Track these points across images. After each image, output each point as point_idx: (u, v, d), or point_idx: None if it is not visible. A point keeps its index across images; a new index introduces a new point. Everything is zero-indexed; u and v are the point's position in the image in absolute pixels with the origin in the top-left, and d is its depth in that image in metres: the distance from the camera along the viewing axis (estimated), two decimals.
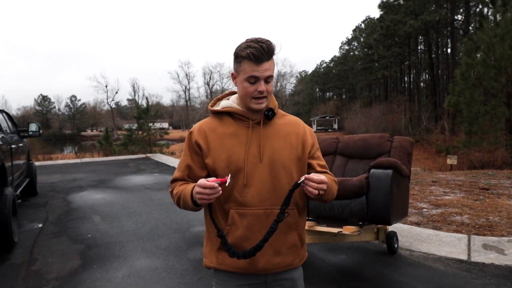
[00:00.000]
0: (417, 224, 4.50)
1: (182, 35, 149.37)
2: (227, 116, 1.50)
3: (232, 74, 1.49)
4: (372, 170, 3.13)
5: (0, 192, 4.25)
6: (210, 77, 58.91)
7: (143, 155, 16.17)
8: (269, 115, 1.46)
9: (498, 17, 14.61)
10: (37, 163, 14.11)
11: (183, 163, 1.52)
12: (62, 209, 6.30)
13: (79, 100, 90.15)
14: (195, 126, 1.53)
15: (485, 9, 32.51)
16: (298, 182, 1.33)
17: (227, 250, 1.39)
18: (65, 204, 6.68)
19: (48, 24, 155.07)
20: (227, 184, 1.30)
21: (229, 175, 1.33)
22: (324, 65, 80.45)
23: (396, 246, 3.78)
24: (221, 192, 1.30)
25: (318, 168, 1.53)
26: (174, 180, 1.55)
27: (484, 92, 13.57)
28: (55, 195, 7.48)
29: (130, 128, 19.93)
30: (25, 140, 7.26)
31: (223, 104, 1.53)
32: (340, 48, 72.35)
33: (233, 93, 1.59)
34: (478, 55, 13.69)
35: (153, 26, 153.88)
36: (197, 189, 1.30)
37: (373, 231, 3.64)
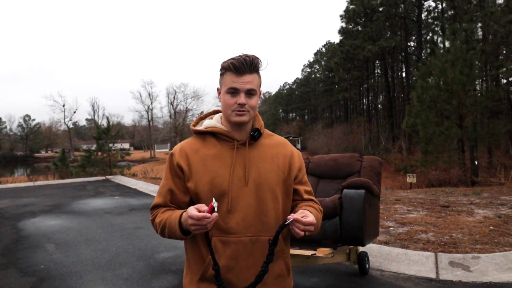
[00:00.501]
0: (386, 243, 4.53)
1: (146, 55, 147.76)
2: (211, 137, 1.41)
3: (217, 89, 1.42)
4: (345, 191, 3.11)
5: None
6: (174, 97, 58.31)
7: (103, 177, 15.46)
8: (255, 135, 1.39)
9: (448, 45, 15.70)
10: None
11: (164, 188, 1.40)
12: (11, 237, 5.78)
13: (33, 119, 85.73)
14: (176, 147, 1.43)
15: (435, 37, 34.95)
16: (286, 223, 1.25)
17: (218, 285, 1.28)
18: (14, 232, 6.15)
19: (0, 40, 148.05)
20: (216, 210, 1.19)
21: (213, 198, 1.22)
22: (287, 86, 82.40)
23: (367, 266, 3.75)
24: (217, 216, 1.20)
25: (305, 196, 1.46)
26: (155, 207, 1.42)
27: (438, 113, 14.35)
28: (3, 222, 6.88)
29: (89, 149, 19.08)
30: None
31: (206, 123, 1.44)
32: (302, 70, 74.67)
33: (217, 112, 1.51)
34: (430, 79, 14.54)
35: (114, 44, 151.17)
36: (190, 221, 1.19)
37: (345, 252, 3.59)
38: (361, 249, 3.89)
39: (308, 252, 3.12)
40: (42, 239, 5.61)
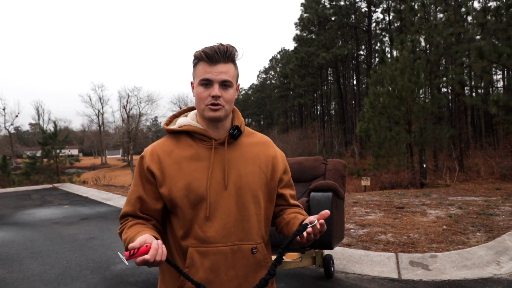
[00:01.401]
0: (348, 245, 4.59)
1: (96, 56, 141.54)
2: (185, 136, 1.28)
3: (191, 83, 1.29)
4: (312, 193, 3.09)
5: None
6: (127, 101, 56.24)
7: (50, 185, 14.46)
8: (234, 133, 1.27)
9: (396, 54, 16.57)
10: None
11: (133, 195, 1.25)
12: None
13: None
14: (147, 149, 1.28)
15: (384, 46, 36.84)
16: (309, 224, 1.12)
17: (197, 286, 1.14)
18: None
19: None
20: (126, 262, 1.02)
21: (123, 254, 1.01)
22: (243, 92, 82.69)
23: (332, 269, 3.77)
24: (165, 251, 1.05)
25: (291, 201, 1.37)
26: (124, 216, 1.26)
27: (389, 119, 15.05)
28: None
29: (34, 155, 17.80)
30: None
31: (180, 122, 1.30)
32: (258, 76, 75.42)
33: (192, 109, 1.37)
34: (379, 87, 15.24)
35: (62, 45, 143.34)
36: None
37: (311, 256, 3.58)
38: (326, 252, 3.90)
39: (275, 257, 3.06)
40: None
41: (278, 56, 64.68)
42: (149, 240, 1.04)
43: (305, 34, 38.88)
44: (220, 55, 1.19)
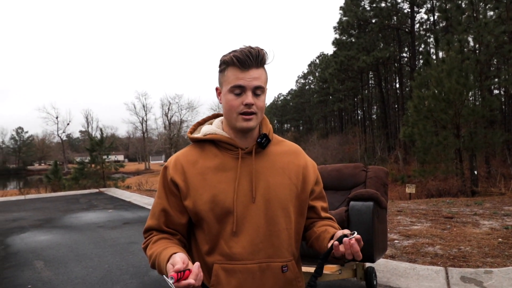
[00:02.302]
0: (392, 257, 4.33)
1: (139, 66, 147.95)
2: (211, 145, 1.21)
3: (216, 89, 1.21)
4: (352, 203, 2.93)
5: None
6: (168, 109, 58.13)
7: (96, 190, 15.14)
8: (262, 142, 1.18)
9: (441, 55, 15.75)
10: None
11: (157, 207, 1.20)
12: None
13: (26, 132, 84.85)
14: (171, 159, 1.22)
15: (428, 48, 35.34)
16: (348, 235, 1.03)
17: None
18: (2, 248, 5.86)
19: None
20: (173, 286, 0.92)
21: (171, 277, 0.92)
22: (282, 97, 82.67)
23: (375, 282, 3.55)
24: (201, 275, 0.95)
25: (322, 213, 1.27)
26: (148, 230, 1.21)
27: (435, 123, 14.29)
28: None
29: (82, 161, 18.77)
30: None
31: (205, 130, 1.23)
32: (297, 81, 74.99)
33: (217, 116, 1.30)
34: (423, 90, 14.53)
35: (108, 56, 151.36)
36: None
37: (352, 268, 3.39)
38: (367, 264, 3.70)
39: (313, 269, 2.92)
40: (30, 256, 5.34)
41: (317, 60, 64.05)
42: (186, 261, 0.96)
43: (344, 37, 38.16)
44: (252, 59, 1.11)
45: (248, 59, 1.10)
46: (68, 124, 64.78)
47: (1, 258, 5.28)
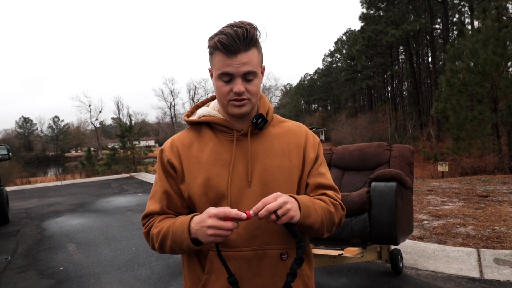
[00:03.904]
0: (420, 238, 4.18)
1: (166, 52, 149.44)
2: (206, 128, 1.15)
3: (209, 70, 1.13)
4: (374, 184, 2.80)
5: None
6: (194, 93, 58.67)
7: (127, 175, 15.61)
8: (258, 123, 1.10)
9: (477, 24, 14.79)
10: (14, 188, 13.45)
11: (159, 190, 1.14)
12: (35, 238, 5.78)
13: (62, 120, 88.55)
14: (167, 142, 1.17)
15: (462, 18, 33.37)
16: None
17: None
18: (38, 232, 6.16)
19: (28, 45, 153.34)
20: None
21: (248, 213, 0.96)
22: (308, 77, 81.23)
23: (401, 265, 3.43)
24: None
25: (311, 192, 1.14)
26: (148, 215, 1.14)
27: (470, 97, 13.57)
28: (29, 223, 6.93)
29: (113, 147, 19.36)
30: None
31: (200, 112, 1.17)
32: (323, 60, 73.29)
33: (215, 97, 1.22)
34: (459, 62, 13.75)
35: (135, 43, 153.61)
36: (210, 221, 0.92)
37: (376, 251, 3.29)
38: (393, 246, 3.57)
39: (335, 252, 2.85)
40: (64, 239, 5.57)
41: (344, 37, 62.19)
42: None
43: (372, 11, 36.66)
44: (239, 42, 1.00)
45: (234, 43, 1.00)
46: (100, 111, 66.94)
47: (37, 241, 5.54)
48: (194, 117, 1.18)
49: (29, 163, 60.51)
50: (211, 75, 1.12)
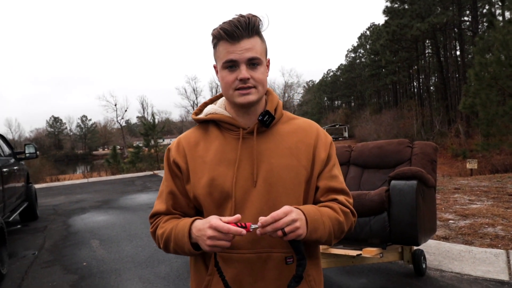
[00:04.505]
0: (445, 238, 4.03)
1: (189, 51, 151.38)
2: (213, 126, 1.13)
3: (214, 66, 1.12)
4: (393, 182, 2.70)
5: None
6: (216, 91, 59.14)
7: (151, 172, 15.91)
8: (265, 120, 1.07)
9: (508, 15, 14.12)
10: (43, 185, 13.97)
11: (165, 190, 1.13)
12: (61, 234, 5.96)
13: (90, 119, 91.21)
14: (174, 142, 1.16)
15: (492, 9, 32.00)
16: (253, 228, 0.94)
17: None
18: (64, 228, 6.35)
19: (57, 48, 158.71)
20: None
21: (253, 225, 0.94)
22: (331, 73, 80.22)
23: (424, 266, 3.31)
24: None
25: (321, 196, 1.09)
26: (154, 215, 1.15)
27: (500, 92, 12.99)
28: (56, 219, 7.16)
29: (138, 145, 19.78)
30: (23, 162, 6.99)
31: (207, 110, 1.15)
32: (346, 56, 72.16)
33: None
34: (489, 55, 13.17)
35: (159, 43, 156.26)
36: (209, 232, 0.91)
37: (397, 251, 3.19)
38: (415, 246, 3.46)
39: (353, 252, 2.77)
40: (88, 235, 5.72)
41: (368, 32, 61.02)
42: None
43: (396, 5, 35.75)
44: (242, 29, 1.00)
45: (237, 29, 1.00)
46: (125, 110, 68.48)
47: (63, 237, 5.71)
48: (201, 115, 1.16)
49: (58, 161, 62.84)
50: (216, 72, 1.10)
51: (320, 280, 1.12)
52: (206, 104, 1.21)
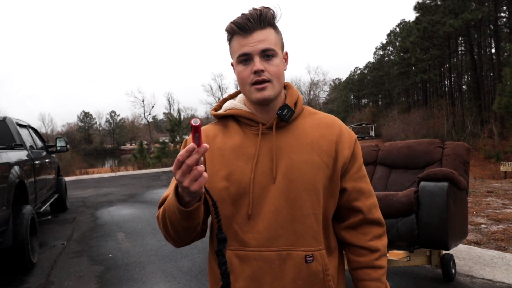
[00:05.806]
0: (477, 243, 3.86)
1: (215, 48, 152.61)
2: (233, 122, 1.10)
3: (231, 64, 1.09)
4: (423, 183, 2.60)
5: (18, 211, 4.08)
6: None
7: None
8: (284, 114, 1.03)
9: None
10: (73, 178, 14.46)
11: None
12: (88, 225, 6.14)
13: (118, 115, 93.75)
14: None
15: None
16: None
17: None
18: (92, 220, 6.54)
19: (87, 44, 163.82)
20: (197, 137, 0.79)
21: (197, 121, 0.80)
22: (358, 71, 78.78)
23: (453, 271, 3.18)
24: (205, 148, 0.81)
25: (356, 203, 1.05)
26: (162, 203, 1.08)
27: None
28: (84, 211, 7.39)
29: (164, 141, 20.13)
30: (54, 155, 7.24)
31: (227, 105, 1.13)
32: (374, 53, 70.60)
33: None
34: None
35: (185, 40, 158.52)
36: (173, 167, 0.82)
37: (425, 255, 3.07)
38: (444, 250, 3.32)
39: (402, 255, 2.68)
40: (114, 227, 5.86)
41: (397, 29, 59.46)
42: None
43: (428, 1, 34.61)
44: (254, 21, 0.98)
45: (249, 22, 0.98)
46: (152, 107, 69.89)
47: (91, 229, 5.88)
48: (220, 111, 1.14)
49: (88, 154, 64.95)
50: (234, 69, 1.07)
51: (342, 280, 1.08)
52: (225, 100, 1.19)
